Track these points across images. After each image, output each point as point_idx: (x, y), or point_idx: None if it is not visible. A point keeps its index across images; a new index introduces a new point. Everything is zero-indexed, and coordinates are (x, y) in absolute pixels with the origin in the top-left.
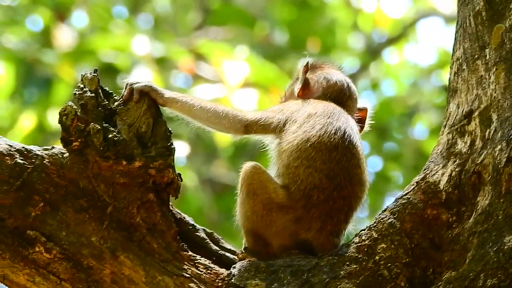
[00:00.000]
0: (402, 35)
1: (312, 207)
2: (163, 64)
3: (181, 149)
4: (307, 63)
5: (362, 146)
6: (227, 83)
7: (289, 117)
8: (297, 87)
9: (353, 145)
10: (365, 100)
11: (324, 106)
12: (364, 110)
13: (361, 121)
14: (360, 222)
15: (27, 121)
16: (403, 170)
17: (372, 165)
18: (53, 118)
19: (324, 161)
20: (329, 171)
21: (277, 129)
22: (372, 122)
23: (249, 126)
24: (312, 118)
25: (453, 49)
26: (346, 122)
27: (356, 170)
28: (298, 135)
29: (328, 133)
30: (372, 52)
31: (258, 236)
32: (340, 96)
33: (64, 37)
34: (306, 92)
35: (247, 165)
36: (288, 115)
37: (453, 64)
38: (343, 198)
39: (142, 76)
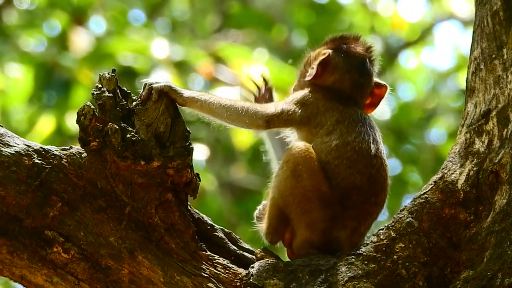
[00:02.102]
0: (419, 39)
1: (350, 207)
2: (182, 67)
3: (201, 152)
4: (329, 55)
5: None
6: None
7: (311, 117)
8: (310, 71)
9: (385, 156)
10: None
11: (348, 111)
12: (383, 87)
13: (376, 98)
14: (378, 225)
15: (46, 124)
16: (421, 174)
17: (390, 168)
18: (71, 122)
19: (366, 165)
20: (370, 176)
21: (300, 124)
22: (389, 101)
23: (271, 121)
24: (342, 124)
25: (471, 49)
26: (377, 131)
27: (387, 180)
28: (335, 138)
29: (366, 142)
30: (390, 56)
31: (284, 218)
32: (353, 89)
33: (82, 41)
34: (318, 79)
35: (300, 144)
36: (309, 114)
37: (470, 64)
38: (376, 204)
39: (161, 78)
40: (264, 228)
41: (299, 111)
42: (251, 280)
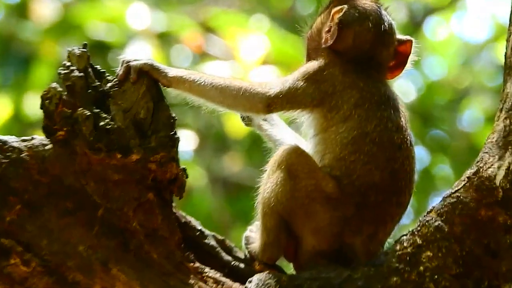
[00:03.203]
0: (449, 5)
1: (367, 207)
2: (165, 39)
3: (188, 140)
4: (346, 10)
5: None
6: (242, 61)
7: (325, 98)
8: (327, 35)
9: (412, 146)
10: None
11: (370, 89)
12: (407, 43)
13: (401, 57)
14: (401, 229)
15: (1, 109)
16: (452, 167)
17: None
18: (32, 105)
19: (388, 159)
20: (392, 171)
21: (310, 107)
22: (416, 59)
23: (273, 104)
24: (362, 109)
25: (510, 19)
26: (403, 115)
27: (413, 177)
28: (352, 128)
29: (389, 130)
30: (414, 25)
31: (285, 227)
32: (376, 45)
33: (45, 9)
34: (337, 41)
35: (287, 146)
36: (323, 94)
37: (510, 36)
38: (399, 205)
39: (140, 52)
40: (261, 244)
41: (310, 90)
42: None
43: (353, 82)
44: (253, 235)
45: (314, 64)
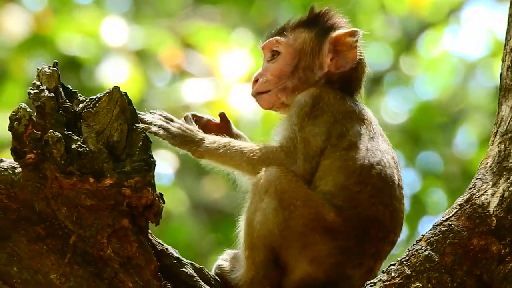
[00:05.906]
0: (443, 21)
1: (367, 241)
2: (142, 56)
3: (168, 163)
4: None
5: None
6: (223, 79)
7: (331, 128)
8: (338, 60)
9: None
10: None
11: (363, 117)
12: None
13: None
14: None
15: None
16: (446, 191)
17: (406, 182)
18: (0, 125)
19: (391, 196)
20: (394, 210)
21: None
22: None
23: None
24: (365, 138)
25: (506, 37)
26: (390, 145)
27: (403, 215)
28: (358, 157)
29: (389, 166)
30: (406, 42)
31: (273, 257)
32: (359, 78)
33: (14, 22)
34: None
35: (273, 169)
36: (328, 124)
37: (505, 55)
38: (392, 243)
39: (115, 71)
40: (248, 278)
41: (317, 129)
42: None
43: (349, 110)
44: (227, 264)
45: (305, 101)
